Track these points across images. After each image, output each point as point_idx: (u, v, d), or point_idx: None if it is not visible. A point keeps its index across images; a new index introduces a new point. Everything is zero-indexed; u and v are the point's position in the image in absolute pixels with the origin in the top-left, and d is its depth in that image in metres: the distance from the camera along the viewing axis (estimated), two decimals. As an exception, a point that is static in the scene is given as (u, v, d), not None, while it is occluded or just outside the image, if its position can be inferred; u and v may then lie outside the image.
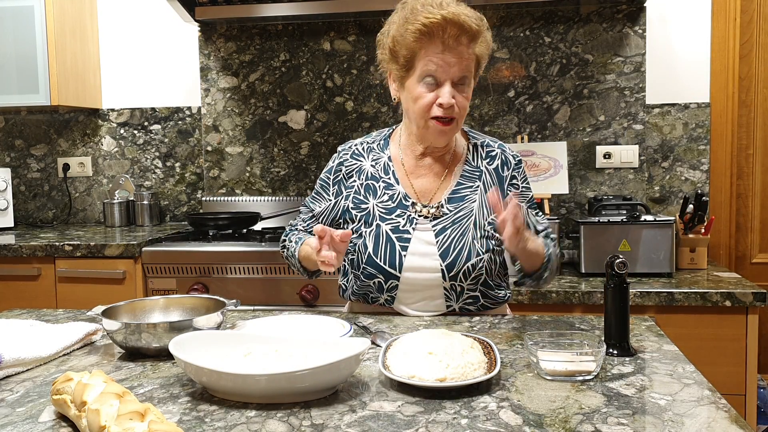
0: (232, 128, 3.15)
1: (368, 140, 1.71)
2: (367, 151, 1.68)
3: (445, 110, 1.50)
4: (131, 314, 1.40)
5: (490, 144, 1.67)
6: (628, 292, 1.28)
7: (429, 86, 1.50)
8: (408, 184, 1.63)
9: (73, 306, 2.58)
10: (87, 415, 0.92)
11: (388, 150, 1.68)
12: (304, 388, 1.04)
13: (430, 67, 1.49)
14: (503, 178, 1.64)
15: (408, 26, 1.49)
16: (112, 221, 3.18)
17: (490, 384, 1.12)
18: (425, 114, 1.52)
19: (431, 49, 1.48)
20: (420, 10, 1.48)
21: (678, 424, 0.95)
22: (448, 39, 1.47)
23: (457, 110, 1.51)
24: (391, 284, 1.58)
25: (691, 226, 2.49)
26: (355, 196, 1.64)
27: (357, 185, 1.65)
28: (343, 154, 1.70)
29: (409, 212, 1.60)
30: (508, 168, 1.65)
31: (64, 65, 3.01)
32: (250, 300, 2.52)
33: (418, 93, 1.52)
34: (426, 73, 1.49)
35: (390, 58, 1.56)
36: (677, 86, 2.82)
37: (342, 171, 1.68)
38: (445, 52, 1.48)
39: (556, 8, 2.83)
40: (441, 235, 1.57)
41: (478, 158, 1.65)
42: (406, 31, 1.49)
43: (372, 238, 1.58)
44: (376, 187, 1.64)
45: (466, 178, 1.63)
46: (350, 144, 1.72)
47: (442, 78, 1.49)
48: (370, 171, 1.66)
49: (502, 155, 1.66)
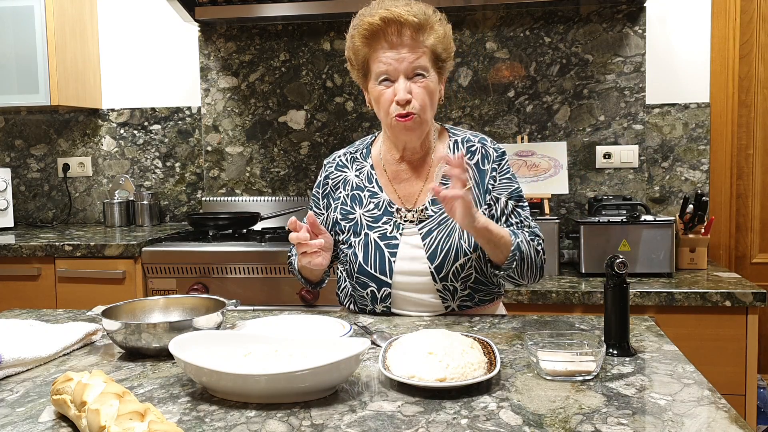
0: (232, 128, 3.15)
1: (351, 150, 1.72)
2: (350, 161, 1.70)
3: (402, 106, 1.51)
4: (131, 314, 1.40)
5: (470, 139, 1.65)
6: (628, 292, 1.28)
7: (385, 85, 1.53)
8: (391, 191, 1.63)
9: (73, 306, 2.58)
10: (87, 415, 0.92)
11: (370, 158, 1.68)
12: (304, 388, 1.04)
13: (381, 67, 1.52)
14: (484, 171, 1.61)
15: (354, 33, 1.56)
16: (112, 221, 3.18)
17: (490, 384, 1.12)
18: (388, 114, 1.54)
19: (378, 49, 1.52)
20: (365, 14, 1.54)
21: (678, 424, 0.95)
22: (391, 37, 1.51)
23: (417, 105, 1.51)
24: (384, 292, 1.58)
25: (691, 226, 2.49)
26: (342, 207, 1.65)
27: (343, 196, 1.66)
28: (328, 167, 1.71)
29: (395, 218, 1.60)
30: (489, 161, 1.62)
31: (64, 65, 3.01)
32: (250, 300, 2.52)
33: (377, 93, 1.55)
34: (379, 73, 1.53)
35: (351, 67, 1.62)
36: (677, 86, 2.82)
37: (329, 184, 1.69)
38: (392, 50, 1.51)
39: (556, 8, 2.83)
40: (428, 237, 1.57)
41: None
42: (354, 38, 1.56)
43: (361, 247, 1.59)
44: (361, 196, 1.64)
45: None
46: (334, 156, 1.73)
47: (394, 75, 1.52)
48: (355, 181, 1.66)
49: (483, 149, 1.63)
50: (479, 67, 2.92)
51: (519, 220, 1.60)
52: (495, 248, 1.50)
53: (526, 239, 1.55)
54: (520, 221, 1.60)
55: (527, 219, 1.61)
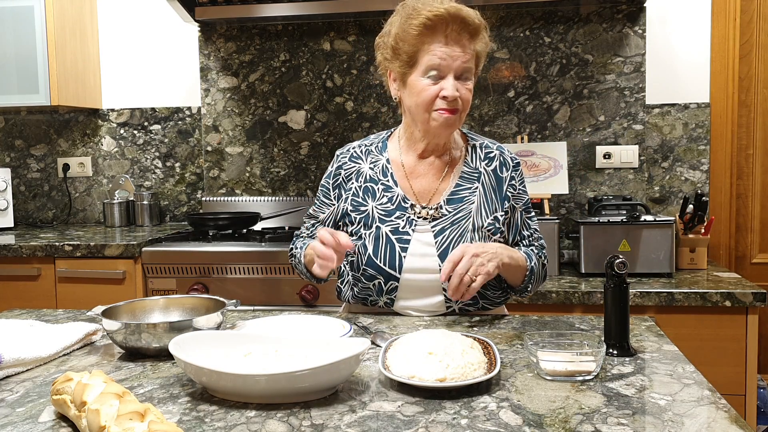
0: (232, 128, 3.15)
1: (366, 143, 1.72)
2: (365, 154, 1.69)
3: (449, 102, 1.51)
4: (131, 314, 1.40)
5: (488, 145, 1.68)
6: (628, 292, 1.28)
7: (433, 80, 1.52)
8: (407, 186, 1.63)
9: (73, 306, 2.58)
10: (87, 415, 0.92)
11: (387, 152, 1.68)
12: (304, 388, 1.04)
13: (434, 60, 1.50)
14: (502, 179, 1.64)
15: (411, 21, 1.51)
16: (112, 221, 3.18)
17: (490, 384, 1.12)
18: (429, 106, 1.53)
19: (434, 43, 1.50)
20: (421, 7, 1.51)
21: (678, 424, 0.95)
22: (450, 33, 1.50)
23: (461, 103, 1.53)
24: (390, 285, 1.58)
25: (691, 227, 2.49)
26: (353, 199, 1.65)
27: (355, 188, 1.65)
28: (341, 158, 1.70)
29: (408, 214, 1.60)
30: (507, 169, 1.65)
31: (64, 65, 3.01)
32: (250, 300, 2.52)
33: (422, 86, 1.53)
34: (430, 66, 1.51)
35: (392, 56, 1.57)
36: (677, 86, 2.82)
37: (341, 174, 1.68)
38: (448, 46, 1.50)
39: (556, 8, 2.83)
40: (440, 236, 1.58)
41: (476, 159, 1.65)
42: (410, 26, 1.51)
43: (372, 240, 1.59)
44: (374, 189, 1.64)
45: (464, 180, 1.63)
46: (348, 147, 1.72)
47: (446, 71, 1.51)
48: (369, 173, 1.66)
49: (501, 156, 1.66)
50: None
51: (530, 232, 1.67)
52: (513, 275, 1.58)
53: (538, 257, 1.63)
54: (531, 233, 1.67)
55: (536, 231, 1.69)
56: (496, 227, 1.59)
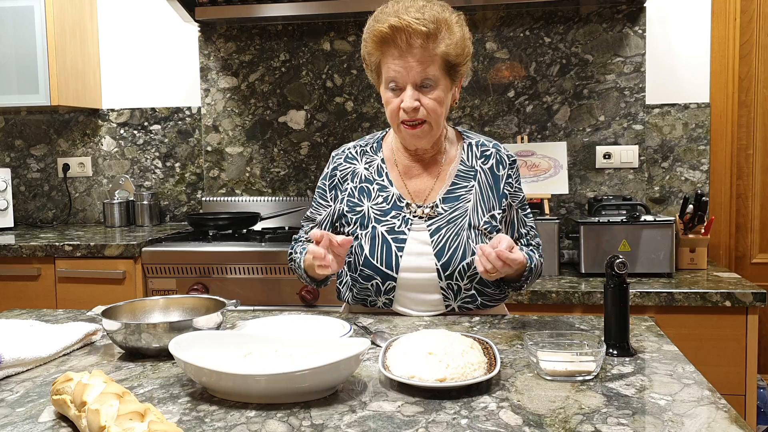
0: (232, 128, 3.15)
1: (361, 143, 1.72)
2: (360, 154, 1.70)
3: (408, 114, 1.52)
4: (131, 314, 1.40)
5: (485, 143, 1.68)
6: (628, 292, 1.28)
7: (394, 92, 1.54)
8: (402, 185, 1.64)
9: (73, 306, 2.58)
10: (87, 415, 0.92)
11: (381, 152, 1.69)
12: (304, 389, 1.04)
13: (390, 73, 1.52)
14: (499, 177, 1.64)
15: (367, 35, 1.55)
16: (112, 221, 3.18)
17: (490, 384, 1.12)
18: (395, 118, 1.56)
19: (389, 55, 1.51)
20: (380, 18, 1.52)
21: (678, 424, 0.95)
22: (401, 44, 1.49)
23: (425, 112, 1.52)
24: (388, 285, 1.58)
25: (691, 227, 2.49)
26: (349, 199, 1.65)
27: (351, 188, 1.66)
28: (336, 159, 1.71)
29: (404, 213, 1.60)
30: (504, 167, 1.65)
31: (64, 65, 3.01)
32: (250, 300, 2.52)
33: (387, 98, 1.56)
34: (388, 79, 1.53)
35: (366, 65, 1.62)
36: (677, 86, 2.82)
37: (337, 176, 1.69)
38: (402, 57, 1.50)
39: (556, 8, 2.83)
40: (436, 234, 1.58)
41: (472, 158, 1.65)
42: (367, 40, 1.55)
43: (368, 240, 1.59)
44: (370, 189, 1.64)
45: (460, 178, 1.63)
46: (343, 148, 1.73)
47: (402, 82, 1.52)
48: (364, 174, 1.67)
49: (497, 154, 1.66)
50: (479, 67, 2.92)
51: (527, 230, 1.68)
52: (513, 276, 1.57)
53: (536, 256, 1.63)
54: (527, 231, 1.68)
55: (533, 229, 1.70)
56: (492, 225, 1.59)
